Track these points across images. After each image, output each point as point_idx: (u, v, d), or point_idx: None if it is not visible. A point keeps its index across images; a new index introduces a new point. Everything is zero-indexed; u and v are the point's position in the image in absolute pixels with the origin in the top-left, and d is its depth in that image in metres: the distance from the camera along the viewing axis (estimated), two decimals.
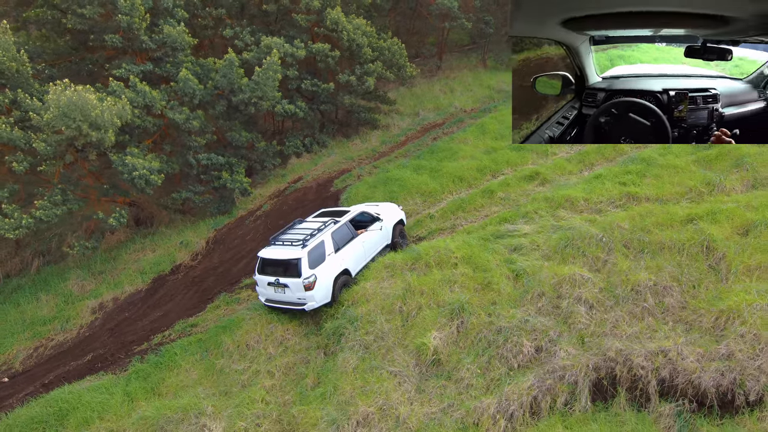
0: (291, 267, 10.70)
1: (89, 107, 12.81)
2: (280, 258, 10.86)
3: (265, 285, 11.08)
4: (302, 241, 10.91)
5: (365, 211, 12.76)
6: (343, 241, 11.59)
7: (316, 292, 10.71)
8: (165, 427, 9.20)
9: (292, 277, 10.66)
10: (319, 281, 10.74)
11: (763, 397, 7.60)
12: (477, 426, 8.20)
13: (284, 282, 10.74)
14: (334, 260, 11.18)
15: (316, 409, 8.94)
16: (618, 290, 9.64)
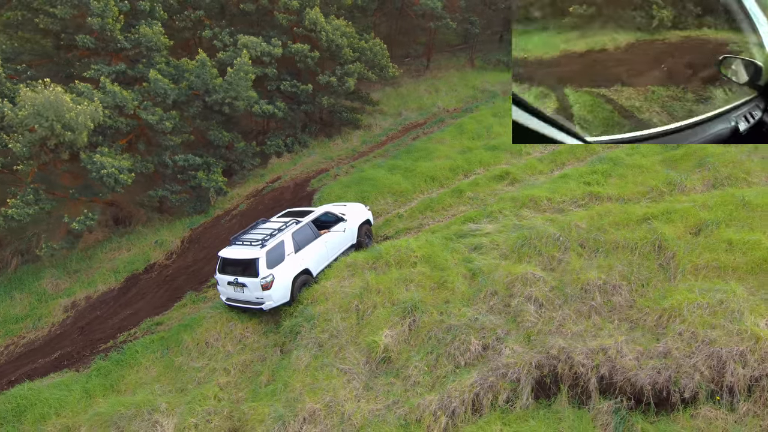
0: (249, 266, 10.83)
1: (64, 108, 12.97)
2: (238, 257, 10.99)
3: (225, 284, 11.22)
4: (261, 241, 11.04)
5: (329, 211, 12.88)
6: (304, 241, 11.71)
7: (274, 292, 10.84)
8: (118, 423, 9.35)
9: (250, 276, 10.79)
10: (277, 281, 10.87)
11: (698, 394, 7.68)
12: (419, 422, 8.31)
13: (242, 281, 10.87)
14: (293, 260, 11.30)
15: (265, 405, 9.07)
16: (568, 289, 9.72)
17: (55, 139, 12.76)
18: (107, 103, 14.61)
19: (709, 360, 7.75)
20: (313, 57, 19.67)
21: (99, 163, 13.73)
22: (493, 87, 26.19)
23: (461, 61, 32.45)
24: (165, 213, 18.60)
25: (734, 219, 10.16)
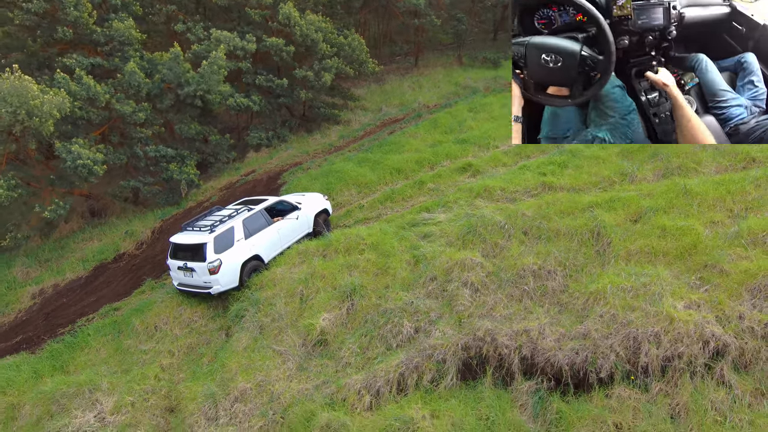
0: (197, 251, 11.05)
1: (29, 96, 13.28)
2: (187, 243, 11.22)
3: (176, 269, 11.45)
4: (210, 227, 11.26)
5: (284, 200, 13.08)
6: (255, 228, 11.91)
7: (221, 276, 11.04)
8: (60, 401, 9.58)
9: (198, 261, 11.02)
10: (225, 266, 11.07)
11: (614, 374, 7.76)
12: (344, 401, 8.45)
13: (191, 266, 11.09)
14: (243, 246, 11.50)
15: (200, 385, 9.26)
16: (503, 274, 9.82)
17: (19, 126, 13.05)
18: (80, 95, 14.90)
19: (625, 341, 7.83)
20: (289, 51, 19.88)
21: (76, 153, 14.04)
22: (476, 83, 26.27)
23: (449, 59, 32.56)
24: (139, 205, 18.89)
25: (673, 206, 10.20)
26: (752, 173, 10.60)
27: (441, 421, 7.69)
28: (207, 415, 8.71)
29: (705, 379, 7.26)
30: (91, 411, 9.33)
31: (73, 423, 9.13)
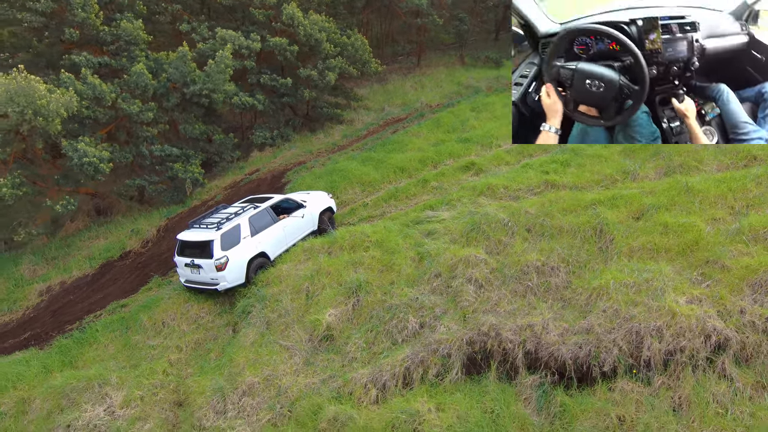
0: (204, 248, 11.18)
1: (36, 95, 13.43)
2: (195, 240, 11.36)
3: (183, 266, 11.58)
4: (217, 224, 11.40)
5: (289, 198, 13.22)
6: (261, 225, 12.03)
7: (228, 273, 11.16)
8: (70, 395, 9.72)
9: (205, 258, 11.15)
10: (232, 263, 11.20)
11: (617, 368, 7.88)
12: (351, 395, 8.57)
13: (198, 263, 11.22)
14: (249, 243, 11.63)
15: (208, 379, 9.39)
16: (507, 270, 9.94)
17: (27, 125, 13.21)
18: (87, 94, 15.06)
19: (628, 335, 7.95)
20: (293, 51, 20.02)
21: (82, 151, 14.19)
22: (478, 83, 26.40)
23: (452, 59, 32.69)
24: (144, 203, 19.04)
25: (675, 204, 10.32)
26: (753, 171, 10.71)
27: (446, 414, 7.81)
28: (215, 409, 8.85)
29: (707, 373, 7.38)
30: (101, 405, 9.47)
31: (83, 417, 9.27)
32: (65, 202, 15.10)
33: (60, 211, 14.87)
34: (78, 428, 9.14)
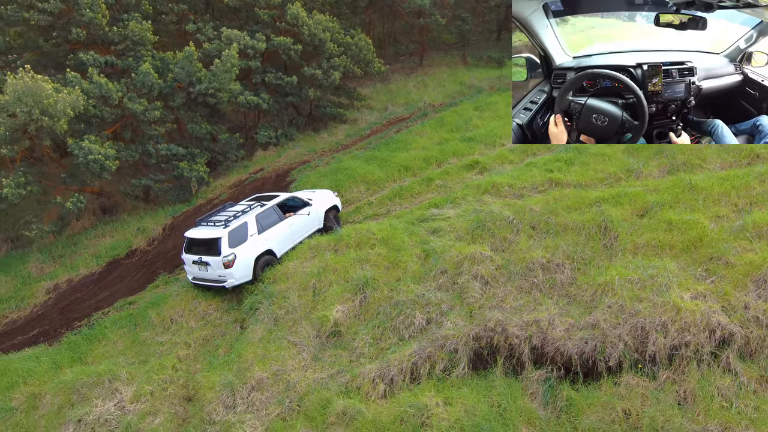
0: (212, 246, 11.28)
1: (43, 95, 13.56)
2: (202, 237, 11.46)
3: (191, 263, 11.69)
4: (224, 222, 11.50)
5: (295, 196, 13.33)
6: (268, 223, 12.13)
7: (236, 270, 11.26)
8: (80, 390, 9.82)
9: (213, 255, 11.24)
10: (239, 260, 11.30)
11: (622, 363, 7.97)
12: (359, 390, 8.68)
13: (206, 260, 11.32)
14: (256, 241, 11.73)
15: (217, 374, 9.50)
16: (513, 267, 10.04)
17: (34, 125, 13.32)
18: (93, 93, 15.18)
19: (633, 330, 8.04)
20: (297, 50, 20.14)
21: (87, 149, 14.30)
22: (480, 82, 26.49)
23: (454, 59, 32.79)
24: (150, 202, 19.17)
25: (679, 201, 10.41)
26: (756, 169, 10.79)
27: (454, 408, 7.92)
28: (225, 403, 8.95)
29: (711, 367, 7.47)
30: (111, 400, 9.57)
31: (93, 411, 9.37)
32: (75, 199, 15.24)
33: (70, 209, 15.01)
34: (89, 423, 9.24)
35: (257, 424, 8.50)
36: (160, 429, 8.94)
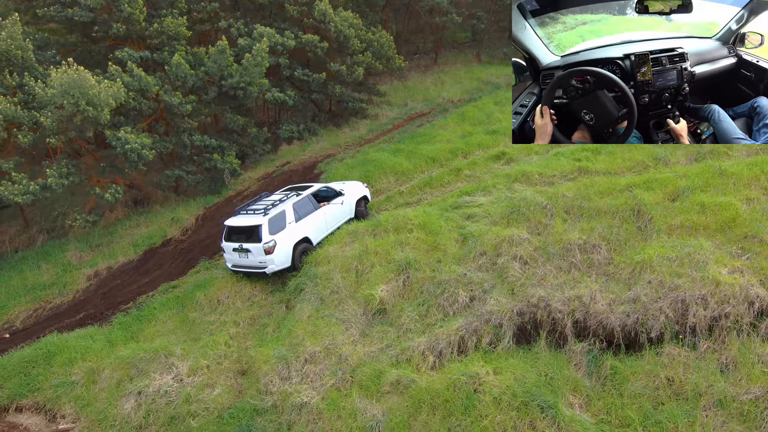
0: (253, 233, 11.62)
1: (88, 86, 14.08)
2: (243, 225, 11.81)
3: (231, 251, 12.01)
4: (264, 210, 11.88)
5: (328, 186, 13.76)
6: (304, 211, 12.53)
7: (276, 256, 11.64)
8: (138, 365, 10.31)
9: (253, 242, 11.59)
10: (279, 246, 11.68)
11: (663, 334, 8.37)
12: (409, 361, 9.11)
13: (247, 247, 11.66)
14: (294, 228, 12.13)
15: (270, 349, 9.95)
16: (550, 248, 10.46)
17: (80, 115, 13.84)
18: (133, 86, 15.71)
19: (673, 304, 8.44)
20: (323, 47, 20.63)
21: (123, 139, 14.81)
22: (498, 79, 26.96)
23: (468, 57, 33.31)
24: (181, 194, 19.69)
25: (710, 186, 10.81)
26: None
27: (504, 376, 8.33)
28: (281, 375, 9.39)
29: (751, 336, 7.86)
30: (168, 374, 10.05)
31: (153, 384, 9.84)
32: (113, 190, 15.74)
33: (109, 200, 15.54)
34: (149, 395, 9.71)
35: (313, 394, 8.94)
36: (218, 399, 9.39)
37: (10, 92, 15.06)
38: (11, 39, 14.44)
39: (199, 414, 9.18)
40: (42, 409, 10.35)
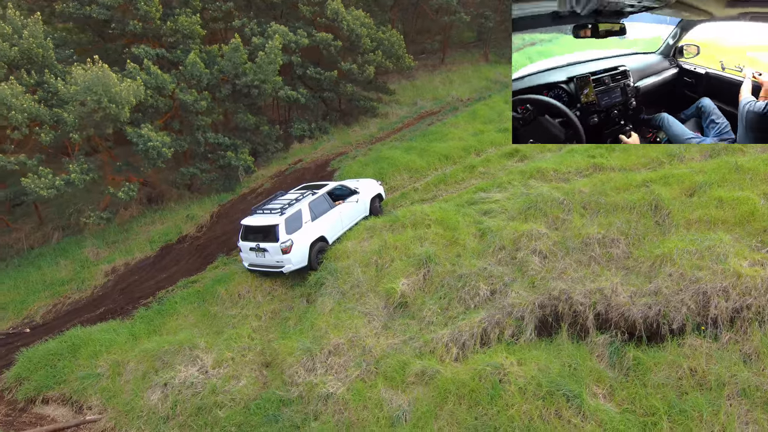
0: (270, 232, 11.63)
1: (111, 83, 14.24)
2: (260, 224, 11.83)
3: (248, 250, 12.04)
4: (280, 209, 11.91)
5: (343, 184, 13.82)
6: (320, 210, 12.53)
7: (293, 256, 11.68)
8: (163, 358, 10.45)
9: (270, 241, 11.61)
10: (296, 245, 11.71)
11: (685, 326, 8.50)
12: (432, 353, 9.25)
13: (264, 246, 11.70)
14: (310, 227, 12.15)
15: (294, 341, 10.09)
16: (569, 243, 10.59)
17: (101, 112, 14.00)
18: (150, 84, 15.88)
19: (695, 296, 8.57)
20: (337, 46, 20.79)
21: (146, 137, 14.96)
22: (506, 78, 27.09)
23: (475, 56, 33.44)
24: (194, 191, 19.84)
25: (727, 181, 10.94)
26: None
27: (528, 367, 8.46)
28: (305, 367, 9.54)
29: None
30: (193, 366, 10.19)
31: (178, 376, 9.98)
32: (126, 188, 15.90)
33: (122, 198, 15.69)
34: (175, 386, 9.85)
35: (338, 385, 9.08)
36: (244, 390, 9.53)
37: (30, 90, 15.24)
38: (33, 38, 14.62)
39: (225, 404, 9.33)
40: (68, 400, 10.49)
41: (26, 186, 13.89)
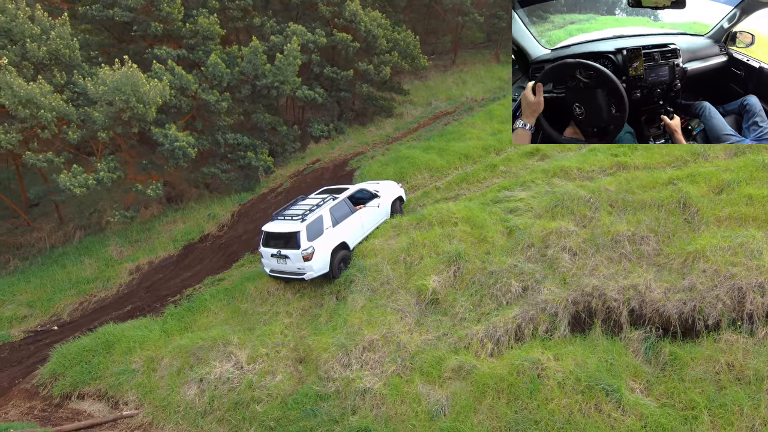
0: (291, 239, 11.48)
1: (139, 83, 14.41)
2: (281, 231, 11.67)
3: (269, 256, 11.89)
4: (302, 216, 11.71)
5: (364, 188, 13.62)
6: (341, 216, 12.35)
7: (315, 263, 11.48)
8: (197, 354, 10.59)
9: (292, 248, 11.44)
10: (317, 252, 11.51)
11: (720, 322, 8.58)
12: (467, 349, 9.35)
13: (285, 253, 11.54)
14: (332, 233, 11.96)
15: (328, 337, 10.21)
16: (599, 240, 10.68)
17: (129, 112, 14.17)
18: (174, 84, 16.05)
19: (730, 291, 8.65)
20: (355, 46, 20.94)
21: (173, 136, 15.11)
22: None
23: (486, 57, 33.53)
24: (214, 191, 20.01)
25: (755, 179, 11.01)
26: None
27: (565, 362, 8.56)
28: (341, 362, 9.65)
29: None
30: (228, 361, 10.32)
31: (213, 371, 10.12)
32: (154, 186, 16.07)
33: (150, 195, 15.87)
34: (211, 381, 9.98)
35: (375, 380, 9.19)
36: (280, 385, 9.65)
37: (58, 90, 15.42)
38: (60, 38, 14.81)
39: (262, 399, 9.44)
40: (104, 396, 10.64)
41: (62, 183, 14.07)
